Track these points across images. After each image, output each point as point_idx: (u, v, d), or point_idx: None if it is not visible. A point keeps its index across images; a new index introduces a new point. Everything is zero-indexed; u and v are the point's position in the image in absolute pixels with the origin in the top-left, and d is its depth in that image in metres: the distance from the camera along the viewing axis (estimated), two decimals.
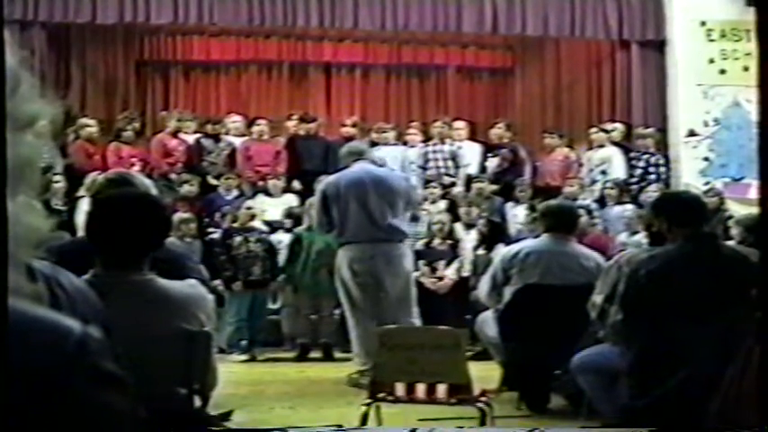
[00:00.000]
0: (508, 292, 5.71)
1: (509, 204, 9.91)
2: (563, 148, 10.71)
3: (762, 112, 1.10)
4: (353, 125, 10.70)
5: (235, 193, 9.66)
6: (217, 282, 7.83)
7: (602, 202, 9.97)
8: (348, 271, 6.54)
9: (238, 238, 8.49)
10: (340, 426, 3.65)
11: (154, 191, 3.89)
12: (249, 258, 8.44)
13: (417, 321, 6.61)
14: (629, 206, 9.55)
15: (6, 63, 0.88)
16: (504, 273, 5.77)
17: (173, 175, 9.70)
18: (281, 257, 8.60)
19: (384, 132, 10.53)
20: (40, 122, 0.91)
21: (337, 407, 5.63)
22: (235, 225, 8.71)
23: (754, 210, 6.00)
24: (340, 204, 6.49)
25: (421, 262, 8.61)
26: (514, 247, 6.02)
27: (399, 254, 6.60)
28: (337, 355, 8.15)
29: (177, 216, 8.17)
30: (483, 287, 6.02)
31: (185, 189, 9.35)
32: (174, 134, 10.19)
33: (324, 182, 6.98)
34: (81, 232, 5.66)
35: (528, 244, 6.01)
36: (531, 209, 9.04)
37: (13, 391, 0.79)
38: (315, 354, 8.31)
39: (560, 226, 5.80)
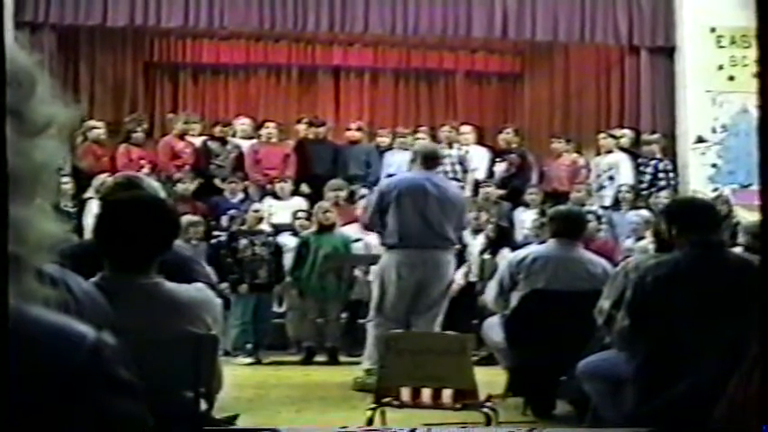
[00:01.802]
0: (515, 298, 5.71)
1: (518, 210, 9.90)
2: (571, 153, 10.70)
3: (762, 117, 1.10)
4: (358, 129, 10.71)
5: (240, 196, 9.67)
6: (223, 285, 7.84)
7: (614, 206, 9.96)
8: (394, 274, 6.52)
9: (244, 241, 8.49)
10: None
11: (162, 194, 3.89)
12: (255, 261, 8.44)
13: (437, 327, 6.60)
14: (643, 211, 9.51)
15: (24, 65, 0.87)
16: (510, 278, 5.77)
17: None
18: (287, 261, 8.59)
19: (403, 138, 10.51)
20: (56, 125, 0.90)
21: (342, 411, 5.63)
22: (242, 228, 8.71)
23: None
24: (398, 208, 6.47)
25: None
26: (521, 253, 6.02)
27: (447, 260, 6.64)
28: (343, 359, 8.15)
29: (186, 219, 8.16)
30: (490, 292, 6.03)
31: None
32: (181, 137, 10.20)
33: (383, 182, 7.12)
34: (89, 234, 5.68)
35: (535, 249, 6.01)
36: (541, 213, 9.03)
37: (26, 396, 0.79)
38: (320, 357, 8.30)
39: (567, 231, 5.79)
